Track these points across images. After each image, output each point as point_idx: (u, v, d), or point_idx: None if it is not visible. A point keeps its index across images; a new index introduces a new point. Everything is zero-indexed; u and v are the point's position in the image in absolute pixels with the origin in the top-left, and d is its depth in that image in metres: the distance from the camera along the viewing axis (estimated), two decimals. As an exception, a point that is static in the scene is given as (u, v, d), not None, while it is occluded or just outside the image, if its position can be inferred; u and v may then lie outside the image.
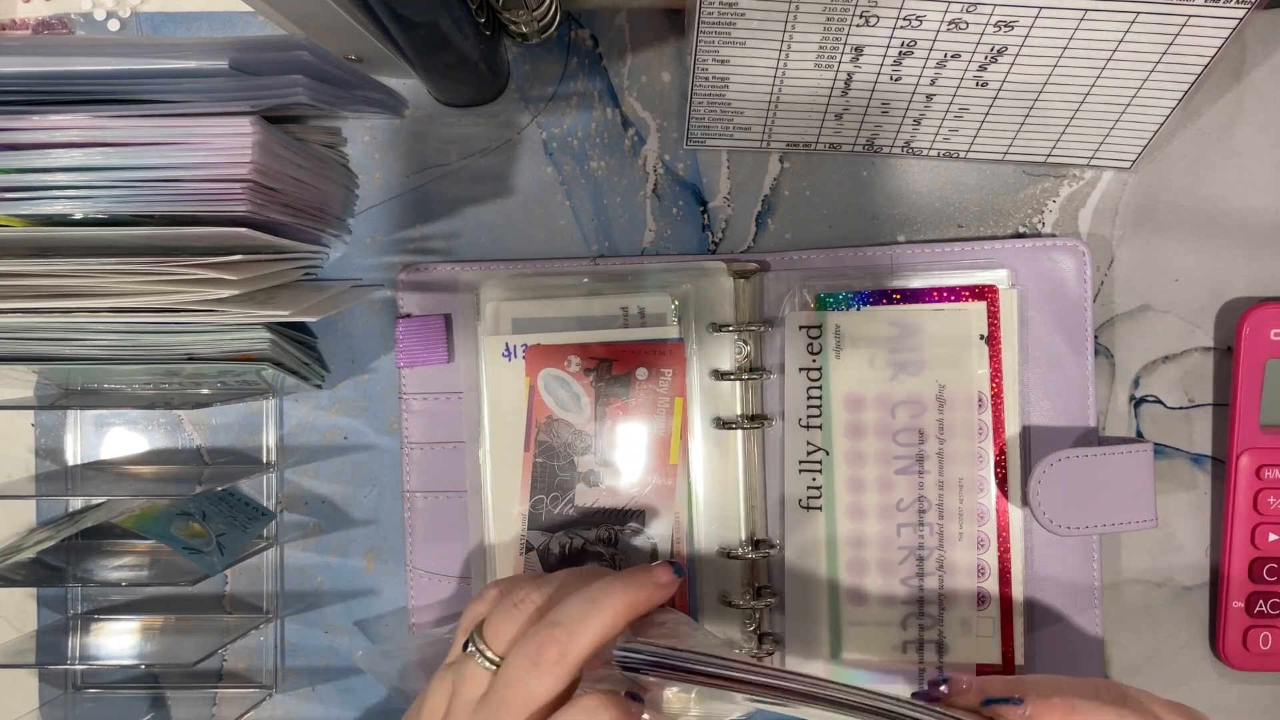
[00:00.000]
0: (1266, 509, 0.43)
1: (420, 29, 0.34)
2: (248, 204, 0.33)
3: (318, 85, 0.33)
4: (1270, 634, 0.43)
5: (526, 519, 0.44)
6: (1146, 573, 0.45)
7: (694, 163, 0.46)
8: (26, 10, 0.46)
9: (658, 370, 0.43)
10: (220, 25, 0.46)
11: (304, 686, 0.47)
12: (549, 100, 0.46)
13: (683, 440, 0.44)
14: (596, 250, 0.46)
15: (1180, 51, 0.38)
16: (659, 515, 0.43)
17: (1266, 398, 0.43)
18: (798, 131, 0.43)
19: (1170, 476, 0.45)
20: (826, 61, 0.39)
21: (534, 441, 0.44)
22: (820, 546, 0.44)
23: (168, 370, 0.43)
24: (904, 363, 0.43)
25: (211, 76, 0.32)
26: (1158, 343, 0.45)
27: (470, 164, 0.46)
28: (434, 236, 0.46)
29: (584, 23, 0.45)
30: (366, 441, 0.47)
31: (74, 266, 0.33)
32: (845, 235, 0.45)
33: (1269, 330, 0.43)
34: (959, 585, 0.43)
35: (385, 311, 0.46)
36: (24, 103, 0.33)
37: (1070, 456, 0.41)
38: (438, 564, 0.45)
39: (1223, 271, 0.45)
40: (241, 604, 0.47)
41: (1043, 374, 0.43)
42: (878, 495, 0.44)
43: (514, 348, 0.44)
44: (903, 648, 0.43)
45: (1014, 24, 0.37)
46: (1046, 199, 0.45)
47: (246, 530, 0.44)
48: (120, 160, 0.32)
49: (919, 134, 0.43)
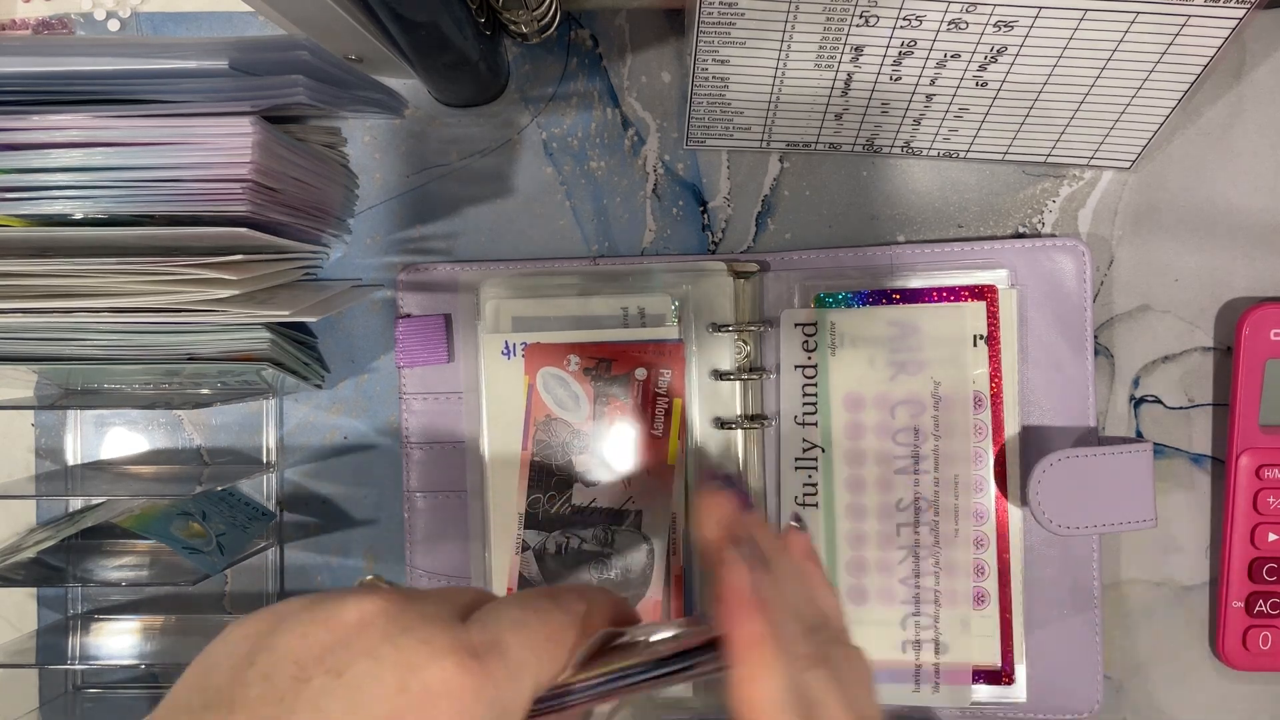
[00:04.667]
0: (1266, 509, 0.43)
1: (420, 29, 0.34)
2: (248, 204, 0.33)
3: (318, 85, 0.33)
4: (1270, 634, 0.43)
5: (523, 518, 0.44)
6: (1146, 573, 0.45)
7: (694, 163, 0.46)
8: (26, 10, 0.46)
9: (657, 370, 0.43)
10: (220, 25, 0.46)
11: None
12: (549, 100, 0.46)
13: (681, 441, 0.44)
14: (596, 250, 0.46)
15: (1180, 51, 0.38)
16: (656, 515, 0.43)
17: (1266, 398, 0.43)
18: (798, 131, 0.43)
19: (1170, 476, 0.45)
20: (826, 61, 0.39)
21: (532, 440, 0.44)
22: (820, 546, 0.44)
23: (168, 370, 0.43)
24: (904, 363, 0.43)
25: (211, 76, 0.32)
26: (1157, 343, 0.45)
27: (470, 164, 0.46)
28: (434, 236, 0.46)
29: (584, 23, 0.45)
30: (366, 441, 0.47)
31: (74, 266, 0.33)
32: (845, 235, 0.45)
33: (1269, 330, 0.43)
34: (958, 585, 0.43)
35: (385, 311, 0.46)
36: (24, 103, 0.33)
37: (1070, 456, 0.41)
38: (437, 564, 0.45)
39: (1222, 271, 0.45)
40: (241, 604, 0.47)
41: (1042, 374, 0.43)
42: (877, 495, 0.44)
43: (513, 346, 0.44)
44: (902, 647, 0.43)
45: (1014, 24, 0.37)
46: (1046, 199, 0.45)
47: (246, 530, 0.44)
48: (120, 160, 0.32)
49: (919, 134, 0.43)
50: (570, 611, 0.26)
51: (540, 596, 0.26)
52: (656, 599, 0.43)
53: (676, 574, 0.43)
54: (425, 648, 0.22)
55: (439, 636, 0.23)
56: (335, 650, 0.22)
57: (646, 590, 0.43)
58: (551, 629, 0.25)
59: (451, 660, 0.22)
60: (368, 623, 0.23)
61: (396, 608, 0.23)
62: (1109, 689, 0.45)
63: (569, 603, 0.26)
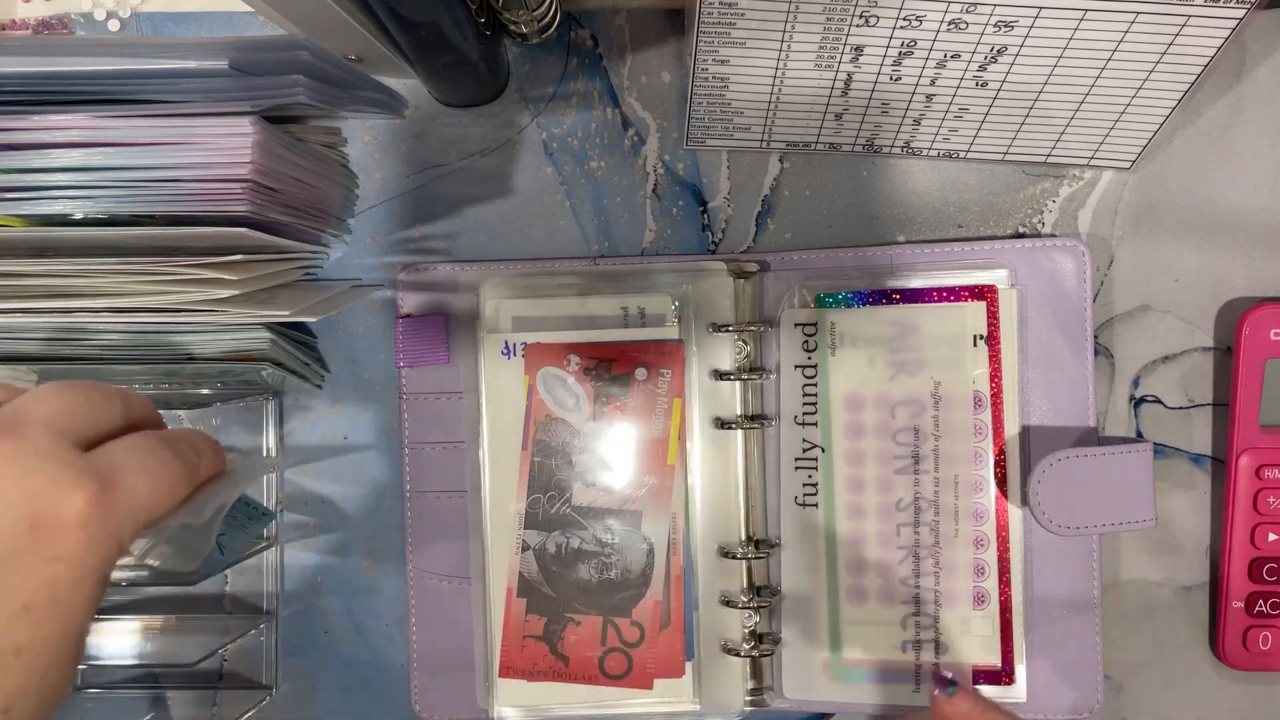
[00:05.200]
0: (1266, 509, 0.43)
1: (420, 29, 0.34)
2: (248, 204, 0.33)
3: (318, 85, 0.33)
4: (1270, 634, 0.43)
5: (523, 518, 0.44)
6: (1146, 573, 0.45)
7: (694, 163, 0.46)
8: (26, 10, 0.46)
9: (657, 370, 0.43)
10: (220, 25, 0.46)
11: (304, 686, 0.47)
12: (549, 100, 0.46)
13: (680, 441, 0.44)
14: (596, 250, 0.46)
15: (1180, 51, 0.38)
16: (656, 516, 0.43)
17: (1266, 398, 0.43)
18: (798, 131, 0.43)
19: (1170, 476, 0.45)
20: (826, 61, 0.39)
21: (532, 440, 0.44)
22: (820, 546, 0.44)
23: (168, 370, 0.43)
24: (904, 363, 0.43)
25: (211, 76, 0.32)
26: (1157, 343, 0.45)
27: (470, 164, 0.46)
28: (434, 236, 0.46)
29: (584, 23, 0.45)
30: (366, 441, 0.47)
31: (74, 266, 0.33)
32: (845, 235, 0.45)
33: (1269, 330, 0.43)
34: (958, 584, 0.43)
35: (385, 311, 0.46)
36: (24, 103, 0.33)
37: (1070, 456, 0.41)
38: (437, 564, 0.45)
39: (1222, 271, 0.45)
40: (241, 604, 0.47)
41: (1042, 374, 0.43)
42: (877, 495, 0.44)
43: (513, 346, 0.44)
44: (902, 647, 0.43)
45: (1014, 24, 0.37)
46: (1046, 199, 0.45)
47: (246, 530, 0.44)
48: (120, 160, 0.32)
49: (919, 134, 0.43)
50: (188, 464, 0.27)
51: (161, 444, 0.27)
52: (657, 599, 0.43)
53: (676, 574, 0.43)
54: (54, 487, 0.23)
55: (64, 472, 0.23)
56: None
57: (647, 590, 0.43)
58: (172, 479, 0.26)
59: (83, 494, 0.23)
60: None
61: (10, 449, 0.23)
62: (1109, 689, 0.45)
63: (186, 455, 0.28)
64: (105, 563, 0.24)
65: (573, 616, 0.44)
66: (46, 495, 0.23)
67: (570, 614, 0.44)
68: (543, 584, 0.44)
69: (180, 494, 0.27)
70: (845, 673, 0.44)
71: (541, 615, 0.44)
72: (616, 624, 0.43)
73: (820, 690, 0.44)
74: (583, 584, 0.44)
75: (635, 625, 0.43)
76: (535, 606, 0.44)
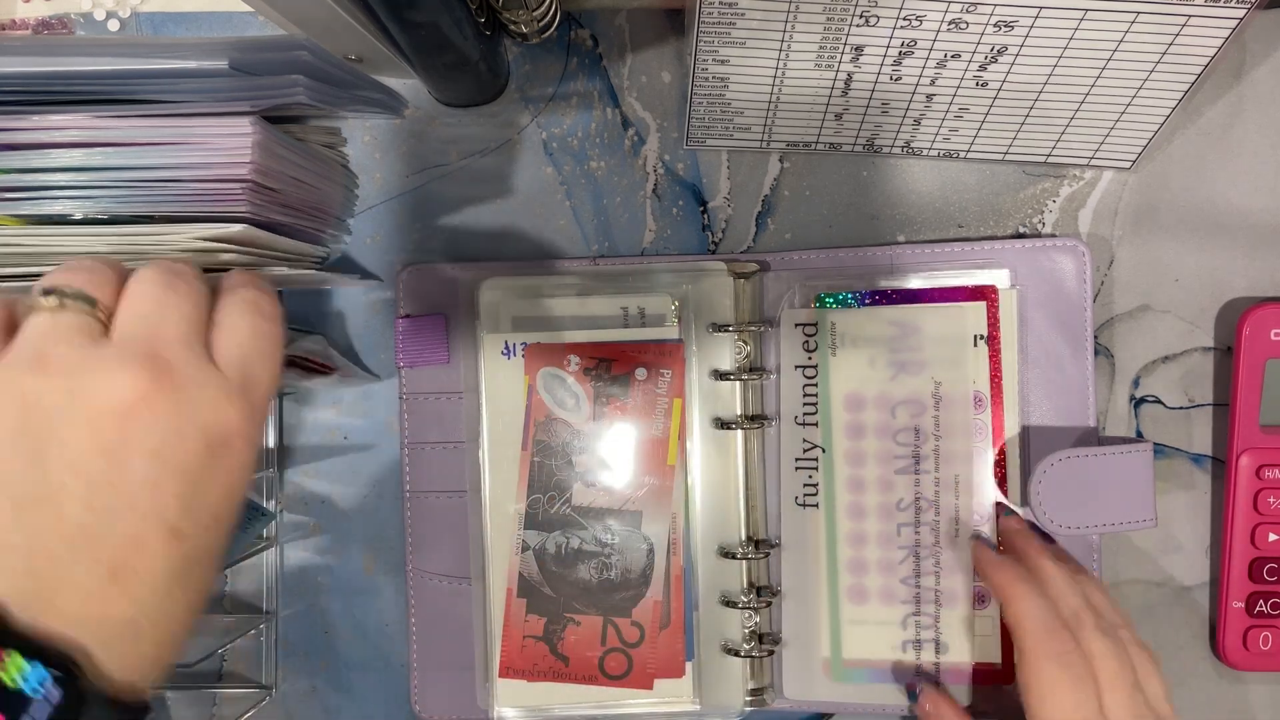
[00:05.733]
0: (1266, 509, 0.43)
1: (420, 29, 0.34)
2: (248, 204, 0.33)
3: (318, 85, 0.33)
4: (1270, 634, 0.43)
5: (523, 518, 0.44)
6: (1146, 573, 0.45)
7: (694, 163, 0.46)
8: (26, 10, 0.46)
9: (657, 370, 0.43)
10: (220, 25, 0.46)
11: (304, 686, 0.47)
12: (549, 100, 0.46)
13: (681, 441, 0.44)
14: (596, 250, 0.46)
15: (1180, 51, 0.38)
16: (656, 516, 0.43)
17: (1266, 398, 0.43)
18: (798, 131, 0.43)
19: (1170, 476, 0.45)
20: (826, 61, 0.39)
21: (532, 440, 0.44)
22: (820, 546, 0.44)
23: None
24: (904, 363, 0.43)
25: (211, 76, 0.32)
26: (1158, 343, 0.45)
27: (470, 164, 0.46)
28: (434, 236, 0.46)
29: (584, 23, 0.45)
30: (366, 441, 0.47)
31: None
32: (845, 235, 0.45)
33: (1269, 330, 0.43)
34: (958, 584, 0.43)
35: (385, 311, 0.46)
36: (24, 103, 0.32)
37: (1070, 456, 0.41)
38: (437, 564, 0.45)
39: (1223, 271, 0.45)
40: (241, 604, 0.47)
41: (1043, 374, 0.43)
42: (878, 495, 0.44)
43: (513, 346, 0.44)
44: (902, 647, 0.43)
45: (1014, 24, 0.37)
46: (1046, 199, 0.45)
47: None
48: (120, 160, 0.32)
49: (919, 134, 0.43)
50: (278, 325, 0.29)
51: (260, 319, 0.28)
52: (657, 599, 0.43)
53: (676, 574, 0.43)
54: (215, 410, 0.26)
55: (218, 394, 0.26)
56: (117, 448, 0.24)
57: (647, 590, 0.43)
58: (277, 348, 0.29)
59: (236, 409, 0.26)
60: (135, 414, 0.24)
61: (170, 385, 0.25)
62: (1109, 689, 0.45)
63: (273, 316, 0.29)
64: (258, 448, 0.28)
65: (573, 617, 0.44)
66: (211, 418, 0.25)
67: (570, 614, 0.44)
68: (543, 584, 0.44)
69: (282, 355, 0.29)
70: (845, 673, 0.44)
71: (541, 615, 0.44)
72: (616, 624, 0.43)
73: (820, 690, 0.44)
74: (583, 584, 0.44)
75: (635, 625, 0.43)
76: (535, 607, 0.44)
